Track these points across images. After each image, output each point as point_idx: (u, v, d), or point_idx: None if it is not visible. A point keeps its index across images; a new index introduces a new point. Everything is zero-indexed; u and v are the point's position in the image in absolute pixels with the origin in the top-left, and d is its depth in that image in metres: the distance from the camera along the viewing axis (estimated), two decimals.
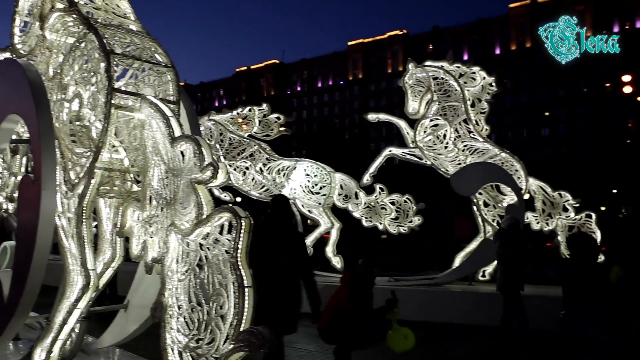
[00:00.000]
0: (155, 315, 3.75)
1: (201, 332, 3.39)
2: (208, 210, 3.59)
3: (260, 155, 11.64)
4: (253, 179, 11.52)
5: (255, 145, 11.73)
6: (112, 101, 4.24)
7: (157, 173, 4.05)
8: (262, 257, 4.81)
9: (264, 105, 12.11)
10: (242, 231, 3.28)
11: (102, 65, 4.26)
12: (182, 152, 3.81)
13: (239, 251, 3.27)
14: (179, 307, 3.62)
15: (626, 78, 42.52)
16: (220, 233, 3.43)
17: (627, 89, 42.65)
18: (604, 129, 72.82)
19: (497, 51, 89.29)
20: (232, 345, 3.17)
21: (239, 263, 3.26)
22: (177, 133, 4.02)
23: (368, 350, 6.83)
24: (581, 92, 79.78)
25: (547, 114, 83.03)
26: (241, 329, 3.16)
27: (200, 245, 3.52)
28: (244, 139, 11.82)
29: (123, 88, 4.44)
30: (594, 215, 10.45)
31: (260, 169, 11.53)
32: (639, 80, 64.21)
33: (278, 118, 12.07)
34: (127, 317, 5.25)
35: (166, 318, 3.66)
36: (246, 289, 3.21)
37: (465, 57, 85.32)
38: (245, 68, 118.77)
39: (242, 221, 3.29)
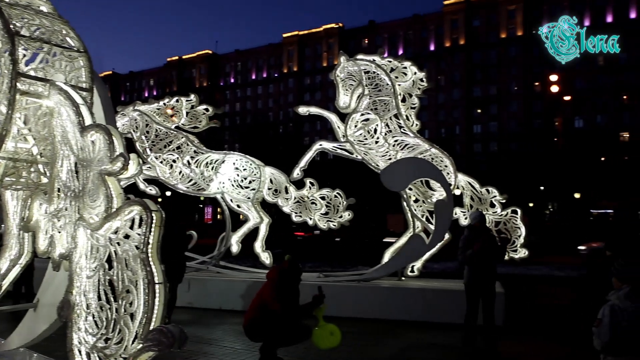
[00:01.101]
0: (62, 314, 3.55)
1: (109, 332, 3.23)
2: (118, 203, 3.42)
3: (188, 147, 11.35)
4: (180, 172, 11.22)
5: (182, 138, 11.43)
6: (18, 87, 3.97)
7: (66, 164, 3.84)
8: None
9: (192, 96, 11.80)
10: (153, 225, 3.14)
11: (7, 48, 3.97)
12: (92, 142, 3.61)
13: (149, 246, 3.13)
14: (88, 306, 3.44)
15: (553, 78, 44.52)
16: (132, 227, 3.27)
17: (554, 88, 44.61)
18: (534, 127, 76.00)
19: (432, 47, 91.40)
20: (141, 345, 3.03)
21: (150, 258, 3.11)
22: (88, 122, 3.81)
23: (294, 347, 6.79)
24: (512, 89, 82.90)
25: (479, 111, 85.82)
26: (151, 328, 3.03)
27: (110, 240, 3.35)
28: (171, 131, 11.49)
29: (32, 73, 4.17)
30: (519, 211, 10.71)
31: (188, 161, 11.24)
32: (566, 80, 67.50)
33: (206, 109, 11.79)
34: (36, 316, 4.96)
35: (73, 317, 3.47)
36: (157, 286, 3.08)
37: (401, 52, 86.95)
38: (176, 58, 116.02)
39: (152, 215, 3.15)
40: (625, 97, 74.10)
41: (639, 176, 56.09)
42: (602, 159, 60.21)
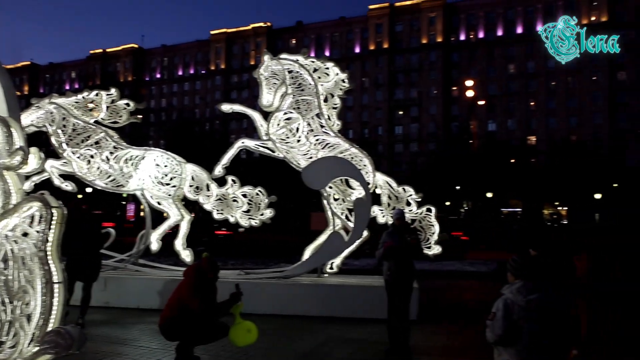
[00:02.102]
0: None
1: (3, 334, 3.06)
2: (17, 199, 3.25)
3: (107, 143, 10.97)
4: (98, 168, 10.82)
5: (101, 133, 11.04)
6: None
7: None
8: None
9: (113, 90, 11.42)
10: (53, 222, 3.01)
11: None
12: None
13: (48, 244, 3.00)
14: None
15: (469, 83, 46.69)
16: (31, 225, 3.12)
17: (470, 93, 46.87)
18: (451, 129, 79.35)
19: (357, 49, 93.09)
20: (37, 348, 2.90)
21: (48, 257, 2.98)
22: None
23: (211, 345, 6.71)
24: (432, 93, 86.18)
25: (401, 113, 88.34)
26: (48, 329, 2.90)
27: (6, 237, 3.17)
28: (90, 125, 11.07)
29: None
30: (433, 209, 11.08)
31: (107, 157, 10.86)
32: (481, 85, 70.79)
33: (127, 104, 11.43)
34: None
35: None
36: (55, 285, 2.95)
37: (327, 53, 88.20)
38: (100, 51, 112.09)
39: (53, 211, 3.02)
40: (532, 103, 79.72)
41: (543, 177, 60.16)
42: (512, 160, 64.11)
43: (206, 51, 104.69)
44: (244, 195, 11.04)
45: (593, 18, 77.55)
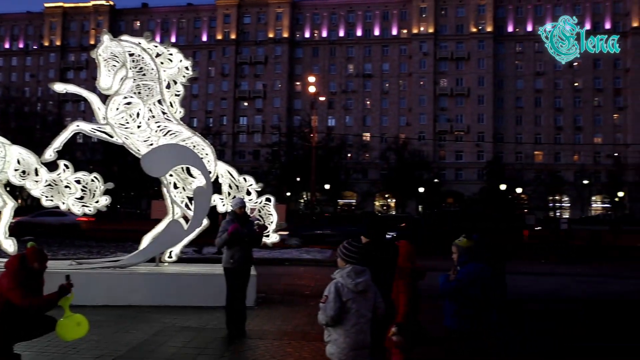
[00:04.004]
0: None
1: None
2: None
3: None
4: None
5: None
6: None
7: None
8: None
9: None
10: None
11: None
12: None
13: None
14: None
15: (311, 79, 48.48)
16: None
17: (312, 89, 48.84)
18: (293, 122, 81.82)
19: (205, 38, 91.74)
20: None
21: None
22: None
23: (35, 340, 6.30)
24: (277, 86, 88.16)
25: (246, 104, 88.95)
26: None
27: None
28: None
29: None
30: (272, 199, 11.45)
31: None
32: (322, 82, 73.79)
33: None
34: None
35: None
36: None
37: (174, 39, 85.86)
38: None
39: None
40: (368, 102, 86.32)
41: (376, 171, 65.39)
42: (349, 155, 68.47)
43: (39, 25, 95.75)
44: (78, 182, 10.47)
45: (422, 29, 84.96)
